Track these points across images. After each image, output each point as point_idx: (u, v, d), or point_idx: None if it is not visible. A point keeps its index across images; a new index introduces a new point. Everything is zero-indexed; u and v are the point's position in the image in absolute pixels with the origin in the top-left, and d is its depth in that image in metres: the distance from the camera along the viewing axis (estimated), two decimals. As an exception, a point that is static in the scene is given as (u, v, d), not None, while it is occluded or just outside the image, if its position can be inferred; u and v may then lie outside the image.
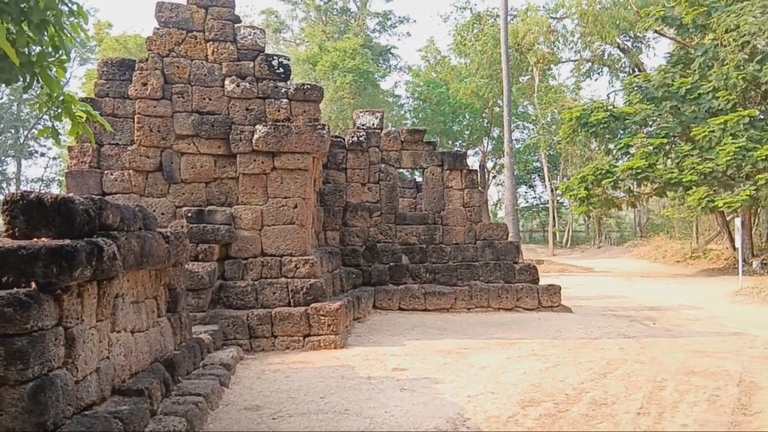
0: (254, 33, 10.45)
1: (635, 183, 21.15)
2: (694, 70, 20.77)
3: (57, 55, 4.02)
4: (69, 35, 4.02)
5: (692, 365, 7.25)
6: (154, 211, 9.60)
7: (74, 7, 3.98)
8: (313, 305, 8.94)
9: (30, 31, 3.77)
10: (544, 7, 34.26)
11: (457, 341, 9.10)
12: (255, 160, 9.76)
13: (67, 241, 3.86)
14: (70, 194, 4.47)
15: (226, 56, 10.19)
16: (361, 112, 14.24)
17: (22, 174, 42.12)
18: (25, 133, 40.55)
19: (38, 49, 3.93)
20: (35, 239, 3.94)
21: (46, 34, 3.87)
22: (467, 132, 40.54)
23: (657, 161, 20.17)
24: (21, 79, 3.87)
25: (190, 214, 9.41)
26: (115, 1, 75.23)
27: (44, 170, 42.84)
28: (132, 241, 4.98)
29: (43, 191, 4.18)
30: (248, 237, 9.59)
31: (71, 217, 4.19)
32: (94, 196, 4.83)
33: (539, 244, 44.87)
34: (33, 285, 3.47)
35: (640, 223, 42.19)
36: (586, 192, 21.32)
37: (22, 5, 3.64)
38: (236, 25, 10.39)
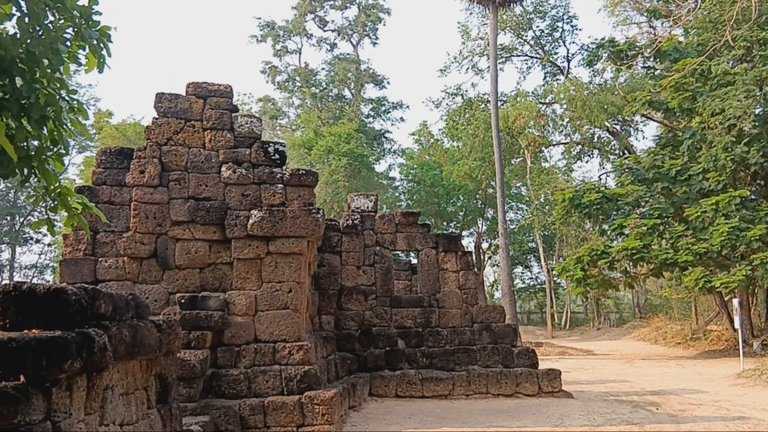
0: (251, 121, 10.69)
1: (631, 264, 21.16)
2: (683, 152, 21.18)
3: (55, 149, 4.08)
4: (68, 130, 4.10)
5: (698, 454, 7.04)
6: (148, 298, 9.52)
7: (74, 104, 4.07)
8: (307, 393, 8.73)
9: (29, 126, 3.85)
10: (533, 92, 35.27)
11: (457, 431, 8.84)
12: (250, 245, 9.77)
13: (58, 333, 3.80)
14: (63, 284, 4.44)
15: (223, 144, 10.38)
16: (355, 195, 14.38)
17: (17, 261, 41.96)
18: (21, 220, 40.69)
19: (37, 143, 3.99)
20: (26, 331, 3.89)
21: (45, 129, 3.94)
22: (461, 213, 40.85)
23: (651, 242, 20.26)
24: (18, 173, 3.91)
25: (183, 301, 9.33)
26: (117, 90, 77.26)
27: (39, 257, 42.67)
28: (123, 331, 4.90)
29: (35, 282, 4.15)
30: (242, 323, 9.48)
31: (63, 307, 4.14)
32: (86, 285, 4.79)
33: (537, 326, 44.36)
34: (22, 378, 3.39)
35: (639, 304, 41.92)
36: (582, 273, 21.29)
37: (23, 101, 3.73)
38: (233, 114, 10.65)
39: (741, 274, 17.89)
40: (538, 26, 36.02)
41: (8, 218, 40.63)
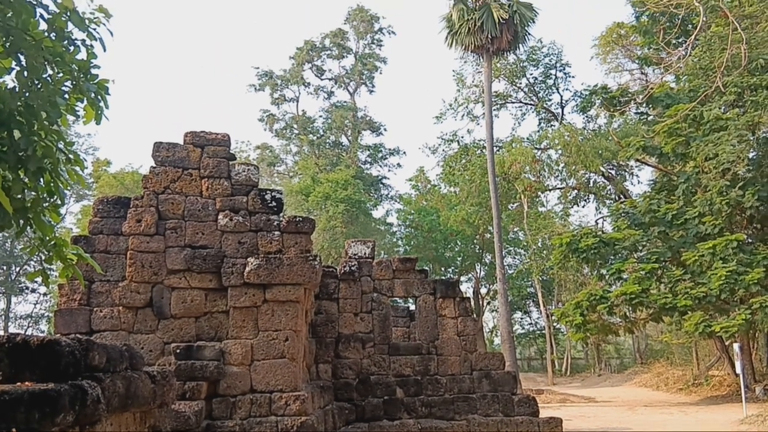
0: (248, 169, 10.75)
1: (630, 308, 21.04)
2: (679, 197, 21.29)
3: (51, 201, 4.10)
4: (65, 181, 4.12)
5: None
6: (143, 348, 9.41)
7: (71, 155, 4.11)
8: (304, 445, 8.57)
9: (26, 178, 3.87)
10: (528, 138, 35.67)
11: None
12: (246, 293, 9.72)
13: (51, 385, 3.75)
14: (56, 336, 4.40)
15: (220, 192, 10.42)
16: (352, 241, 14.37)
17: (12, 310, 41.63)
18: (17, 269, 40.53)
19: (33, 195, 4.01)
20: (19, 383, 3.84)
21: (42, 180, 3.97)
22: (459, 258, 40.78)
23: (650, 286, 20.19)
24: (14, 225, 3.92)
25: (178, 351, 9.22)
26: (115, 138, 77.95)
27: (34, 306, 42.33)
28: (117, 383, 4.84)
29: (29, 334, 4.12)
30: (237, 373, 9.35)
31: (56, 359, 4.10)
32: (81, 336, 4.75)
33: (538, 373, 43.83)
34: (14, 431, 3.32)
35: (640, 350, 41.53)
36: (581, 318, 21.15)
37: (20, 153, 3.76)
38: (231, 162, 10.71)
39: (741, 318, 17.79)
40: (531, 74, 36.66)
41: (4, 267, 40.47)
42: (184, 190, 10.35)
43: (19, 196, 3.85)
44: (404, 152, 46.18)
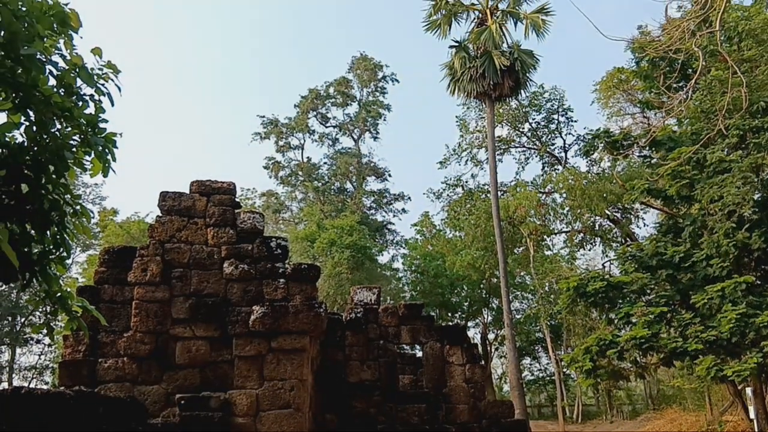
0: (253, 217, 10.80)
1: (640, 353, 20.75)
2: (685, 239, 21.21)
3: (57, 253, 4.12)
4: (71, 233, 4.15)
5: None
6: (147, 399, 9.30)
7: (78, 208, 4.14)
8: (310, 499, 8.38)
9: (33, 231, 3.90)
10: (532, 182, 35.75)
11: None
12: (251, 342, 9.65)
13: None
14: (62, 387, 4.39)
15: (225, 240, 10.44)
16: (358, 288, 14.30)
17: (17, 362, 41.32)
18: (22, 320, 40.40)
19: (39, 248, 4.03)
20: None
21: (48, 233, 4.00)
22: (466, 304, 40.49)
23: (660, 330, 19.95)
24: (20, 278, 3.93)
25: (183, 402, 9.11)
26: (122, 186, 78.61)
27: (39, 358, 42.03)
28: (120, 437, 4.79)
29: (33, 387, 4.11)
30: (243, 424, 9.22)
31: (60, 412, 4.09)
32: (86, 388, 4.73)
33: (549, 420, 42.99)
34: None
35: (651, 395, 40.83)
36: (591, 364, 20.85)
37: (27, 207, 3.79)
38: (236, 210, 10.77)
39: (753, 362, 17.51)
40: (534, 119, 36.99)
41: (9, 318, 40.33)
42: (189, 239, 10.39)
43: (26, 249, 3.88)
44: (409, 197, 46.39)
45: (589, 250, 36.94)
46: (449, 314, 39.77)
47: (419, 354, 18.10)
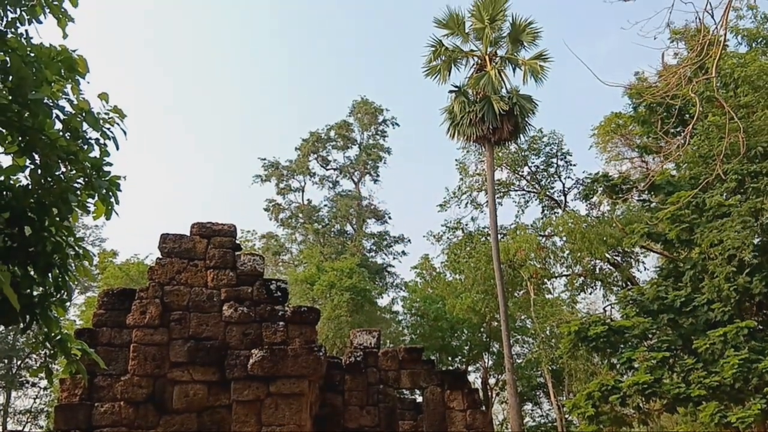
0: (253, 259, 10.80)
1: (643, 399, 20.49)
2: (686, 283, 21.15)
3: (58, 296, 4.12)
4: (73, 276, 4.15)
5: None
6: (142, 444, 9.15)
7: (80, 251, 4.16)
8: None
9: (34, 273, 3.90)
10: (532, 225, 35.77)
11: None
12: (250, 386, 9.54)
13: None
14: (56, 433, 4.32)
15: (225, 282, 10.42)
16: (358, 331, 14.19)
17: (11, 405, 40.69)
18: (19, 363, 39.94)
19: (41, 290, 4.03)
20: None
21: (50, 276, 4.00)
22: (466, 348, 40.09)
23: (662, 375, 19.74)
24: (20, 320, 3.92)
25: (179, 447, 8.96)
26: (122, 228, 78.63)
27: (34, 401, 41.36)
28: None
29: (30, 431, 4.04)
30: (240, 471, 9.04)
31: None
32: (80, 434, 4.66)
33: (550, 467, 42.16)
34: None
35: (654, 441, 40.08)
36: (594, 410, 20.56)
37: (30, 249, 3.81)
38: (236, 253, 10.77)
39: (756, 408, 17.29)
40: (533, 162, 37.23)
41: (5, 361, 39.88)
42: (189, 281, 10.36)
43: (27, 291, 3.88)
44: (409, 240, 46.34)
45: (590, 293, 36.78)
46: (449, 358, 39.34)
47: (419, 399, 17.87)
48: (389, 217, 46.13)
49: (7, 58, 3.54)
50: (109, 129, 4.19)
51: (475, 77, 27.72)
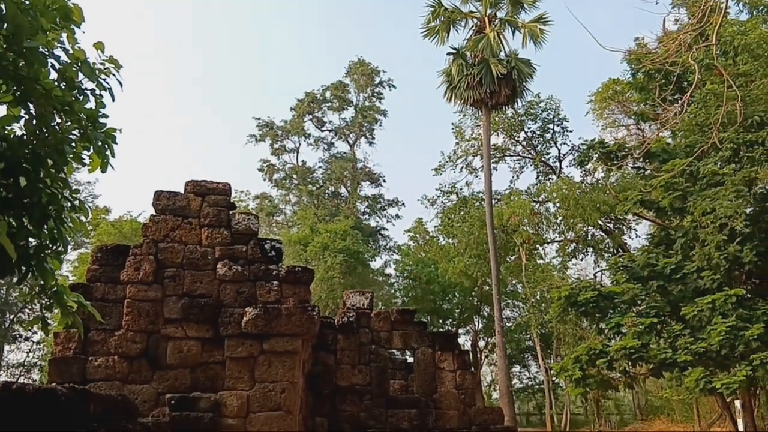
0: (248, 218, 10.78)
1: (630, 363, 20.81)
2: (677, 251, 21.29)
3: (54, 248, 4.11)
4: (69, 228, 4.14)
5: None
6: (137, 398, 9.25)
7: (76, 203, 4.13)
8: (299, 502, 8.34)
9: (30, 225, 3.88)
10: (526, 191, 35.87)
11: None
12: (243, 344, 9.62)
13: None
14: (53, 384, 4.36)
15: (219, 241, 10.42)
16: (351, 292, 14.29)
17: (4, 359, 40.97)
18: (12, 317, 40.06)
19: (36, 242, 4.02)
20: (12, 432, 3.78)
21: (46, 227, 3.98)
22: (457, 311, 40.51)
23: (650, 341, 20.01)
24: (16, 271, 3.91)
25: (173, 402, 9.06)
26: (115, 186, 78.31)
27: (27, 355, 41.65)
28: (111, 434, 4.76)
29: (24, 382, 4.08)
30: (233, 425, 9.18)
31: (53, 408, 4.07)
32: (76, 385, 4.70)
33: (536, 428, 43.01)
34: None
35: (639, 405, 40.91)
36: (581, 373, 20.88)
37: (25, 200, 3.78)
38: (231, 212, 10.75)
39: (741, 375, 17.57)
40: (529, 128, 37.14)
41: (-1, 315, 40.02)
42: (183, 239, 10.36)
43: (23, 242, 3.87)
44: (403, 203, 46.43)
45: (581, 260, 37.08)
46: (441, 321, 39.77)
47: (410, 359, 18.10)
48: (384, 180, 46.13)
49: (2, 6, 3.47)
50: (104, 80, 4.14)
51: (474, 39, 27.43)
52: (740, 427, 18.30)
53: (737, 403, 17.20)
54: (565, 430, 40.51)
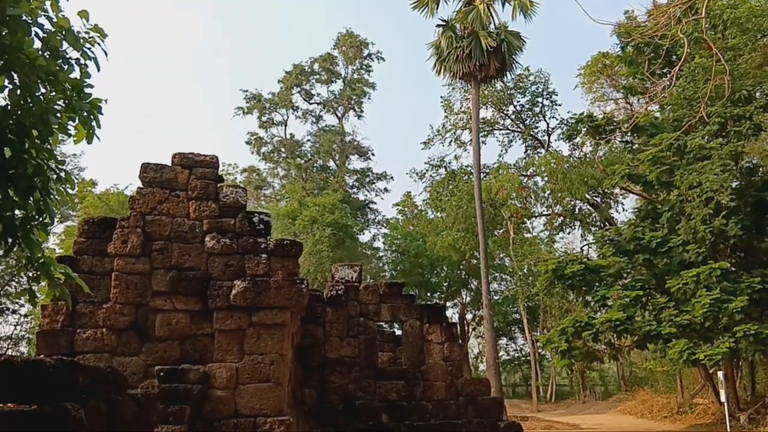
0: (236, 191, 10.74)
1: (615, 335, 21.07)
2: (663, 224, 21.46)
3: (41, 219, 4.07)
4: (54, 200, 4.10)
5: None
6: (126, 370, 9.28)
7: (62, 174, 4.09)
8: (288, 471, 8.45)
9: (16, 196, 3.84)
10: (515, 165, 35.93)
11: None
12: (232, 316, 9.64)
13: (34, 407, 3.70)
14: (41, 356, 4.36)
15: (207, 214, 10.38)
16: (339, 265, 14.33)
17: (-9, 332, 40.80)
18: (-1, 290, 39.85)
19: (22, 213, 3.98)
20: (1, 404, 3.78)
21: (32, 198, 3.94)
22: (445, 284, 40.76)
23: (635, 313, 20.25)
24: (2, 243, 3.88)
25: (162, 374, 9.10)
26: (101, 159, 77.58)
27: (14, 328, 41.51)
28: (101, 405, 4.77)
29: (11, 354, 4.08)
30: (222, 397, 9.24)
31: (41, 380, 4.05)
32: (65, 357, 4.69)
33: (523, 399, 43.64)
34: (-9, 455, 3.27)
35: (624, 377, 41.54)
36: (567, 345, 21.13)
37: (11, 171, 3.74)
38: (219, 184, 10.69)
39: (725, 347, 17.85)
40: (518, 101, 37.05)
41: (-15, 288, 39.78)
42: (171, 212, 10.31)
43: (9, 213, 3.83)
44: (392, 177, 46.35)
45: (569, 233, 37.32)
46: (429, 294, 40.03)
47: (398, 332, 18.23)
48: (372, 154, 45.96)
49: (-18, -27, 3.39)
50: (89, 49, 4.06)
51: (464, 11, 27.18)
52: (722, 397, 18.64)
53: (720, 374, 17.50)
54: (550, 401, 41.15)
